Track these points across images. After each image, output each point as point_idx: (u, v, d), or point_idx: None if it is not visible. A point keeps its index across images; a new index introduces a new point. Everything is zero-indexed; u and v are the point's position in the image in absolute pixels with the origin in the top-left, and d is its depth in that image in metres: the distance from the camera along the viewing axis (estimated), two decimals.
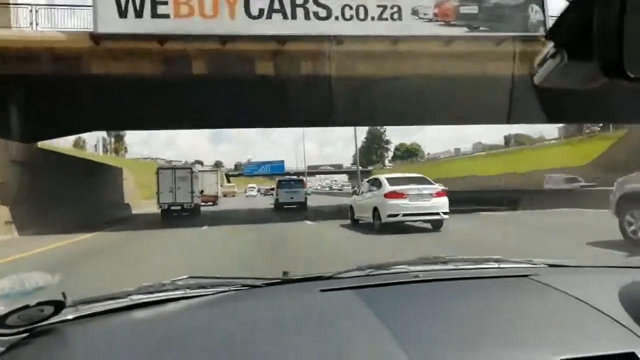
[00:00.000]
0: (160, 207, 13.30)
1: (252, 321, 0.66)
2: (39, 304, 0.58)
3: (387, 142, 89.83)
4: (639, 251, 4.16)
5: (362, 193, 8.21)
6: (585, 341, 0.55)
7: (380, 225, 6.92)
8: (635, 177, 4.74)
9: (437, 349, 0.54)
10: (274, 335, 0.60)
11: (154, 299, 0.74)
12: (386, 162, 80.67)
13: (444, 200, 6.97)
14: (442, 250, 4.98)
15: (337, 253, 5.34)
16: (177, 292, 0.77)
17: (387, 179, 7.48)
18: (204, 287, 0.81)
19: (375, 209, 7.15)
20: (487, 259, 0.97)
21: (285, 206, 14.64)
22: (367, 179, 8.87)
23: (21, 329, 0.58)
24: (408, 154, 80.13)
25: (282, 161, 68.85)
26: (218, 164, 28.91)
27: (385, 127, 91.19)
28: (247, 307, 0.73)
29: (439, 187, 7.42)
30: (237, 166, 65.06)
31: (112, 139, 48.82)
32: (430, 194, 6.96)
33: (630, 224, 4.65)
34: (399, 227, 6.88)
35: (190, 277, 0.86)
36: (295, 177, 18.56)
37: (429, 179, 7.59)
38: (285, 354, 0.54)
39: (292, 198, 14.85)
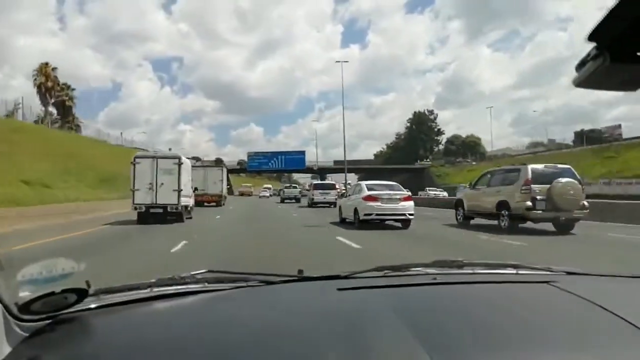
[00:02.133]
0: (136, 208, 12.14)
1: (269, 317, 0.77)
2: (63, 291, 0.68)
3: (439, 131, 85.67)
4: None
5: (348, 196, 12.37)
6: (607, 349, 0.63)
7: (359, 223, 10.48)
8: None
9: (455, 352, 0.62)
10: (292, 332, 0.70)
11: (174, 292, 0.89)
12: (429, 158, 77.24)
13: (410, 203, 10.49)
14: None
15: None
16: (196, 286, 0.93)
17: (367, 184, 11.47)
18: (222, 281, 0.97)
19: (355, 210, 10.76)
20: (504, 264, 1.13)
21: (319, 204, 21.89)
22: (355, 183, 13.50)
23: (45, 316, 0.70)
24: (464, 148, 77.38)
25: (303, 152, 62.37)
26: (218, 161, 29.83)
27: (436, 111, 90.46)
28: (264, 304, 0.86)
29: (406, 193, 11.08)
30: (241, 163, 62.24)
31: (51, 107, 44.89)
32: (399, 198, 10.44)
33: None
34: (374, 225, 10.35)
35: (210, 271, 1.01)
36: (328, 182, 26.63)
37: (399, 185, 11.42)
38: (303, 350, 0.63)
39: (325, 198, 22.52)
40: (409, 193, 11.53)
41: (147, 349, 0.67)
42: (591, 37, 0.46)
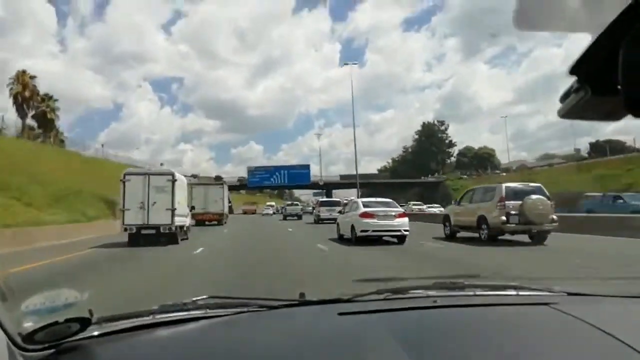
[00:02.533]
0: (126, 229, 11.94)
1: (270, 343, 0.84)
2: (67, 320, 0.75)
3: (451, 143, 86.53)
4: None
5: (346, 212, 13.40)
6: None
7: (356, 239, 11.54)
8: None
9: None
10: (293, 357, 0.77)
11: (176, 318, 0.96)
12: (440, 171, 77.55)
13: (405, 220, 11.56)
14: None
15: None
16: (198, 312, 0.99)
17: (363, 202, 12.64)
18: (223, 307, 1.04)
19: (352, 227, 11.79)
20: (505, 285, 1.21)
21: (325, 221, 23.36)
22: (352, 201, 14.52)
23: (48, 345, 0.75)
24: (477, 160, 78.74)
25: (307, 166, 61.73)
26: (218, 179, 31.02)
27: (447, 122, 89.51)
28: (266, 329, 0.93)
29: (401, 210, 12.36)
30: (241, 180, 61.88)
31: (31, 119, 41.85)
32: (394, 215, 11.52)
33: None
34: (370, 240, 11.44)
35: (211, 297, 1.10)
36: (333, 199, 28.62)
37: (394, 202, 12.82)
38: None
39: (330, 214, 23.28)
40: (404, 210, 12.92)
41: None
42: (572, 71, 0.51)
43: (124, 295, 5.15)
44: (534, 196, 11.07)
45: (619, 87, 0.48)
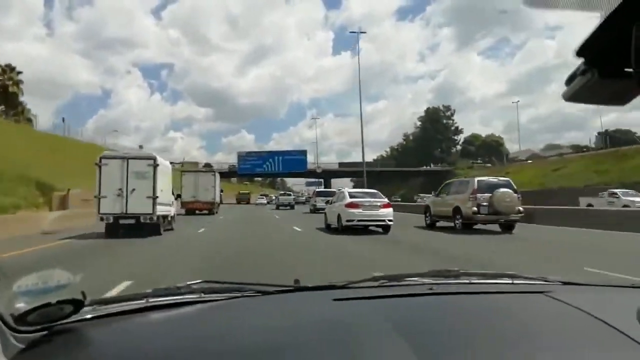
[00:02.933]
0: (102, 219, 11.60)
1: (264, 328, 0.88)
2: (59, 302, 0.78)
3: (457, 130, 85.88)
4: None
5: (333, 203, 14.85)
6: (600, 359, 0.74)
7: (342, 228, 12.86)
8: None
9: None
10: (287, 343, 0.80)
11: (170, 302, 1.01)
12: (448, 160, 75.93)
13: (389, 210, 12.83)
14: None
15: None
16: (192, 296, 1.05)
17: (349, 192, 13.99)
18: (218, 291, 1.09)
19: (339, 216, 13.19)
20: (500, 274, 1.30)
21: (321, 211, 22.80)
22: (339, 191, 15.96)
23: (41, 327, 0.79)
24: (484, 149, 78.40)
25: (304, 152, 59.81)
26: (208, 167, 32.15)
27: (453, 107, 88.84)
28: (260, 314, 0.98)
29: (386, 200, 13.46)
30: (232, 167, 60.95)
31: None
32: (379, 205, 12.79)
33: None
34: (355, 230, 12.59)
35: (205, 282, 1.17)
36: (330, 189, 30.21)
37: (379, 193, 14.02)
38: None
39: (326, 204, 24.96)
40: (388, 200, 14.08)
41: (143, 359, 0.78)
42: (579, 53, 0.52)
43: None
44: (502, 189, 12.98)
45: (626, 69, 0.50)
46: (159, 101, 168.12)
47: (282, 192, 49.09)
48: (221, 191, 32.31)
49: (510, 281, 1.24)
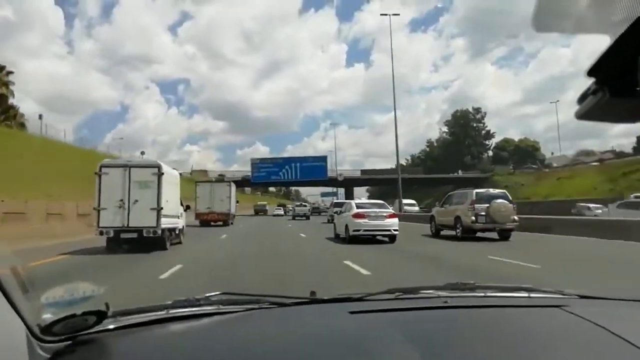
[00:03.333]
0: (102, 233, 11.26)
1: (282, 340, 0.97)
2: (84, 313, 0.87)
3: (489, 134, 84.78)
4: None
5: (341, 213, 16.31)
6: None
7: (349, 238, 14.20)
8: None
9: None
10: (304, 355, 0.88)
11: (189, 313, 1.11)
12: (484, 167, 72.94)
13: (395, 220, 14.33)
14: None
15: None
16: (210, 308, 1.15)
17: (356, 203, 15.69)
18: (236, 303, 1.21)
19: (346, 226, 14.60)
20: (517, 287, 1.37)
21: None
22: (346, 202, 17.55)
23: (65, 337, 0.88)
24: (518, 155, 76.26)
25: (324, 158, 57.97)
26: (220, 176, 34.47)
27: (483, 110, 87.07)
28: (277, 326, 1.07)
29: (391, 210, 15.35)
30: (246, 177, 58.48)
31: None
32: (385, 215, 14.26)
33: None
34: (363, 239, 13.95)
35: (223, 293, 1.27)
36: (347, 201, 31.31)
37: (385, 203, 15.80)
38: None
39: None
40: (394, 211, 16.23)
41: None
42: (590, 73, 0.56)
43: None
44: (498, 200, 14.90)
45: (637, 88, 0.53)
46: (175, 115, 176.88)
47: (298, 204, 53.84)
48: (237, 202, 33.07)
49: (526, 295, 1.29)
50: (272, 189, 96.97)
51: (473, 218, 14.83)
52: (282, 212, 53.49)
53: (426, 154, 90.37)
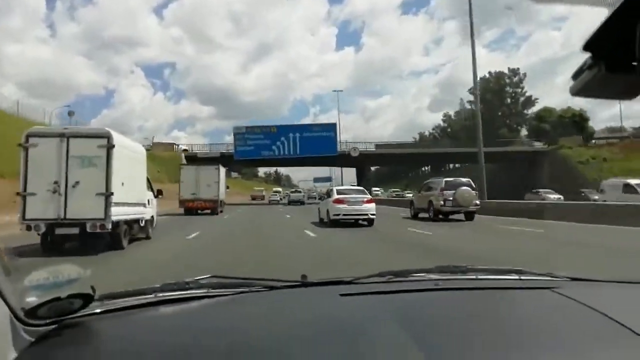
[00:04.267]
0: (29, 228, 9.58)
1: (272, 323, 1.08)
2: (69, 296, 0.95)
3: (529, 101, 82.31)
4: None
5: (325, 199, 20.13)
6: (607, 356, 0.87)
7: (330, 222, 17.88)
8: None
9: (456, 358, 0.86)
10: (294, 338, 0.98)
11: (178, 297, 1.23)
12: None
13: (372, 205, 17.92)
14: None
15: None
16: (200, 291, 1.28)
17: (337, 189, 19.59)
18: (226, 286, 1.34)
19: (327, 211, 18.34)
20: (508, 269, 1.54)
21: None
22: (329, 189, 22.90)
23: (50, 321, 0.96)
24: (562, 127, 68.02)
25: (332, 126, 49.25)
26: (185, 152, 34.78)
27: (522, 71, 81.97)
28: (268, 309, 1.19)
29: (369, 196, 18.72)
30: (227, 153, 51.08)
31: None
32: (363, 201, 17.84)
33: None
34: (342, 223, 17.40)
35: (213, 277, 1.42)
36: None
37: (364, 189, 19.93)
38: (305, 356, 0.89)
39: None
40: (371, 196, 19.23)
41: (151, 353, 0.92)
42: (586, 47, 0.61)
43: None
44: (463, 187, 19.41)
45: (634, 64, 0.58)
46: (162, 100, 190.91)
47: (293, 190, 65.67)
48: (227, 188, 33.40)
49: (517, 277, 1.45)
50: (261, 172, 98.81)
51: (442, 202, 19.54)
52: (278, 198, 60.00)
53: (443, 130, 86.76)
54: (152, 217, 13.58)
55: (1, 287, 0.86)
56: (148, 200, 12.90)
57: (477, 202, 19.97)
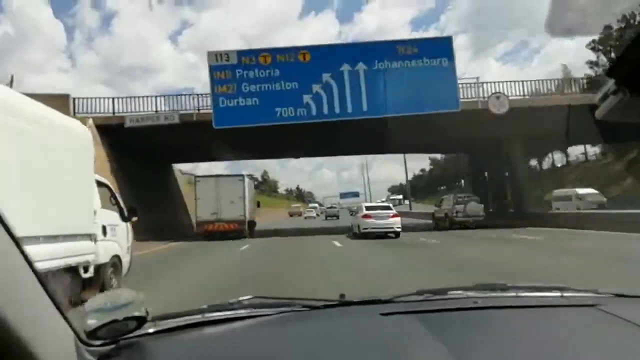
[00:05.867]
0: None
1: (313, 343, 1.13)
2: (125, 318, 1.04)
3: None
4: None
5: (356, 215, 23.15)
6: None
7: (360, 235, 20.96)
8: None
9: None
10: (337, 357, 1.02)
11: (223, 317, 1.31)
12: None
13: (397, 219, 21.04)
14: None
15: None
16: (243, 311, 1.35)
17: (365, 206, 23.09)
18: (268, 306, 1.41)
19: (358, 225, 21.71)
20: (549, 287, 1.51)
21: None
22: (358, 205, 28.29)
23: (109, 341, 1.06)
24: None
25: (448, 43, 18.63)
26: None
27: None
28: (309, 329, 1.25)
29: (394, 211, 21.88)
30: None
31: None
32: (389, 216, 21.01)
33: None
34: (371, 236, 20.34)
35: (255, 297, 1.50)
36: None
37: (390, 205, 24.18)
38: None
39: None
40: (396, 212, 21.87)
41: None
42: (610, 73, 0.65)
43: None
44: (472, 202, 25.16)
45: None
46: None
47: (329, 206, 73.52)
48: (257, 205, 27.08)
49: (559, 294, 1.42)
50: (281, 188, 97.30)
51: (455, 213, 25.12)
52: (314, 214, 67.82)
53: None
54: (117, 258, 7.97)
55: (66, 313, 0.93)
56: (103, 229, 7.48)
57: (483, 213, 25.34)
